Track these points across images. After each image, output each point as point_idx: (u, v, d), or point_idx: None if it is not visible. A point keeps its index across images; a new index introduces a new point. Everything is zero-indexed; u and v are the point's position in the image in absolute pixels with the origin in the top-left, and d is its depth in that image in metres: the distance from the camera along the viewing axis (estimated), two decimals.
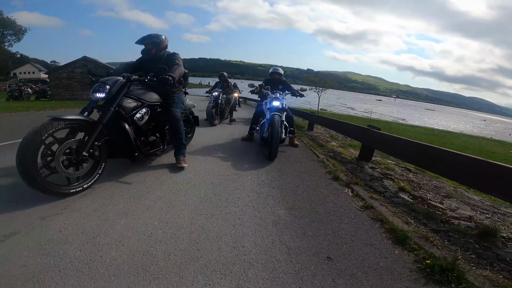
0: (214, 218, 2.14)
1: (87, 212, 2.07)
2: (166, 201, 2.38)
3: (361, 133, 4.83)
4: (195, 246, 1.74)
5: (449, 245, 2.02)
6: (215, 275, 1.49)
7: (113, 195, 2.41)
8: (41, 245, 1.63)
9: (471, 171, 2.42)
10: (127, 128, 2.77)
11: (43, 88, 20.10)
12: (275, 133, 3.92)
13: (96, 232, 1.82)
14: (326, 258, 1.73)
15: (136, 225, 1.93)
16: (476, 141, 19.42)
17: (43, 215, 1.97)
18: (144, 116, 3.06)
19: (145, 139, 3.15)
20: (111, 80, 2.63)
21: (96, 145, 2.49)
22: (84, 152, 2.33)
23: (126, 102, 2.84)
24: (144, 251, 1.65)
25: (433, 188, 3.52)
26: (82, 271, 1.44)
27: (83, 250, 1.61)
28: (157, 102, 3.32)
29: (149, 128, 3.24)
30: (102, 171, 2.58)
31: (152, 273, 1.46)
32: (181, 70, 3.26)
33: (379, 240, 2.01)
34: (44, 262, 1.49)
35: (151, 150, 3.24)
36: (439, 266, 1.63)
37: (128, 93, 2.86)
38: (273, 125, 4.00)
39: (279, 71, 5.86)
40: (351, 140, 6.79)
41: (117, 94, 2.65)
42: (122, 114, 2.77)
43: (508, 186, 2.11)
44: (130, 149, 2.85)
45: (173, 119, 3.30)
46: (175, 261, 1.58)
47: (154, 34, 3.38)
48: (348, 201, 2.70)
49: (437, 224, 2.35)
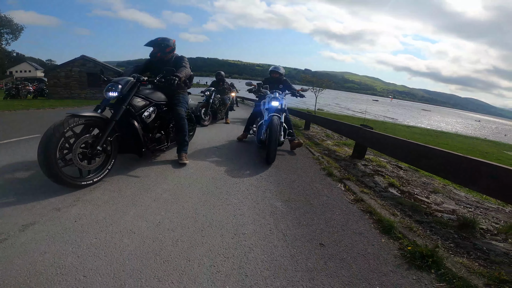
0: (216, 209, 2.31)
1: (98, 203, 2.23)
2: (171, 194, 2.55)
3: (355, 132, 5.03)
4: (200, 233, 1.91)
5: (431, 234, 2.20)
6: (219, 258, 1.66)
7: (122, 188, 2.57)
8: (59, 234, 1.77)
9: (453, 166, 2.62)
10: (136, 125, 2.94)
11: (40, 87, 20.08)
12: (273, 136, 3.74)
13: (109, 221, 1.97)
14: (319, 245, 1.91)
15: (145, 215, 2.10)
16: (470, 141, 19.74)
17: (57, 206, 2.12)
18: (151, 115, 3.24)
19: (152, 136, 3.34)
20: (123, 80, 2.81)
21: (109, 140, 2.66)
22: (98, 146, 2.52)
23: (135, 101, 3.02)
24: (153, 238, 1.81)
25: (421, 184, 3.72)
26: (99, 256, 1.58)
27: (98, 238, 1.76)
28: (163, 102, 3.49)
29: (155, 125, 3.41)
30: (112, 166, 2.74)
31: (162, 256, 1.63)
32: (187, 72, 3.42)
33: (367, 229, 2.19)
34: (63, 249, 1.62)
35: (157, 147, 3.43)
36: (420, 253, 1.80)
37: (137, 93, 3.03)
38: (271, 127, 3.82)
39: (280, 70, 5.64)
40: (346, 139, 6.98)
41: (128, 93, 2.83)
42: (132, 112, 2.95)
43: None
44: (139, 145, 3.02)
45: (178, 118, 3.48)
46: (182, 246, 1.74)
47: (161, 38, 3.54)
48: (340, 195, 2.90)
49: (421, 216, 2.54)
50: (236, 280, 1.48)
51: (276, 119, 3.97)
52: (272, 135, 3.73)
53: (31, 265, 1.46)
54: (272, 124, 3.85)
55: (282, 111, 4.37)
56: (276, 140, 3.80)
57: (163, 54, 3.54)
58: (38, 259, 1.52)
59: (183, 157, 3.50)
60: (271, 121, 3.91)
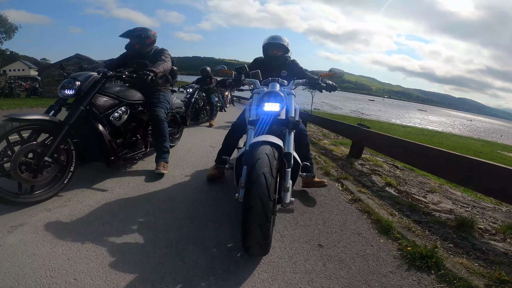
0: (212, 209, 2.26)
1: (90, 204, 2.17)
2: (166, 193, 2.50)
3: (351, 131, 5.02)
4: (195, 234, 1.87)
5: (430, 234, 2.18)
6: (216, 259, 1.62)
7: (114, 188, 2.51)
8: (49, 235, 1.71)
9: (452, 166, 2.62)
10: (100, 129, 2.47)
11: (34, 86, 19.82)
12: (255, 201, 1.44)
13: (101, 222, 1.92)
14: (317, 245, 1.87)
15: (138, 216, 2.05)
16: (464, 141, 19.93)
17: (47, 207, 2.06)
18: (122, 116, 2.75)
19: (123, 141, 2.84)
20: (82, 76, 2.36)
21: (62, 148, 2.20)
22: (46, 157, 2.05)
23: (100, 100, 2.56)
24: (147, 239, 1.76)
25: (418, 184, 3.71)
26: (91, 259, 1.53)
27: (89, 239, 1.70)
28: (139, 101, 3.02)
29: (128, 129, 2.92)
30: (70, 178, 2.30)
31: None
32: (166, 66, 2.90)
33: (366, 229, 2.16)
34: (53, 251, 1.56)
35: (129, 154, 2.92)
36: (420, 253, 1.78)
37: (104, 90, 2.60)
38: (254, 176, 1.49)
39: (283, 41, 2.85)
40: (342, 138, 6.98)
41: (89, 91, 2.38)
42: (95, 113, 2.49)
43: None
44: (105, 153, 2.53)
45: (156, 120, 3.01)
46: (177, 247, 1.70)
47: (140, 28, 3.10)
48: (338, 195, 2.87)
49: (420, 215, 2.52)
50: (233, 283, 1.44)
51: (268, 156, 1.58)
52: (251, 201, 1.45)
53: (19, 268, 1.41)
54: (256, 167, 1.52)
55: (289, 124, 1.94)
56: (265, 208, 1.44)
57: (142, 47, 3.07)
58: (27, 262, 1.46)
59: (161, 166, 2.95)
60: (257, 159, 1.56)
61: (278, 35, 2.94)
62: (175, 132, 4.16)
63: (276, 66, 2.86)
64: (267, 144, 1.65)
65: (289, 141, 1.89)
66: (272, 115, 1.95)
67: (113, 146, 2.58)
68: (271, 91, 2.01)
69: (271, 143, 1.67)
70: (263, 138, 1.70)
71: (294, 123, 1.93)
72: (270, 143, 1.66)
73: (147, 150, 3.24)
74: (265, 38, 2.94)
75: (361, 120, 17.23)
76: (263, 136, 1.75)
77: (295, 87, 2.39)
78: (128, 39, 3.06)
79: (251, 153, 1.63)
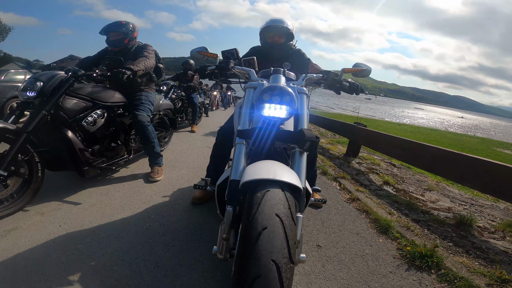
0: (209, 211, 2.22)
1: (84, 207, 2.13)
2: (161, 195, 2.45)
3: (348, 130, 5.01)
4: (191, 237, 1.83)
5: (429, 233, 2.17)
6: (214, 261, 1.58)
7: (109, 190, 2.46)
8: (42, 239, 1.67)
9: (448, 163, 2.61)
10: (69, 135, 2.18)
11: None
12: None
13: (95, 225, 1.88)
14: (316, 246, 1.85)
15: (134, 219, 2.01)
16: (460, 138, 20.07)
17: (41, 210, 2.01)
18: (97, 120, 2.45)
19: (100, 148, 2.55)
20: (45, 75, 2.09)
21: (22, 159, 1.94)
22: (0, 170, 1.79)
23: (69, 103, 2.25)
24: (144, 242, 1.73)
25: (416, 182, 3.71)
26: (85, 263, 1.49)
27: (84, 243, 1.66)
28: (118, 102, 2.70)
29: (106, 134, 2.63)
30: (37, 191, 2.06)
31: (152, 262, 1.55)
32: (148, 63, 2.61)
33: (364, 229, 2.15)
34: (46, 255, 1.53)
35: (107, 162, 2.58)
36: (419, 253, 1.77)
37: (74, 91, 2.29)
38: (257, 267, 0.72)
39: (285, 24, 2.20)
40: (339, 137, 6.98)
41: (54, 93, 2.09)
42: (63, 118, 2.19)
43: None
44: (75, 162, 2.24)
45: (139, 126, 2.68)
46: (173, 250, 1.67)
47: (119, 22, 2.82)
48: (335, 194, 2.85)
49: (418, 214, 2.51)
50: (230, 286, 1.41)
51: (283, 210, 0.84)
52: None
53: (12, 272, 1.38)
54: (264, 243, 0.75)
55: (303, 142, 1.13)
56: None
57: (121, 43, 2.77)
58: (20, 266, 1.43)
59: (154, 173, 2.79)
60: (260, 221, 0.80)
61: (280, 18, 2.27)
62: (163, 136, 3.76)
63: (277, 56, 2.24)
64: (275, 187, 0.92)
65: (300, 167, 1.14)
66: (275, 124, 1.21)
67: (86, 155, 2.29)
68: (275, 86, 1.21)
69: (283, 184, 0.94)
70: (266, 173, 0.96)
71: (312, 140, 1.12)
72: (281, 183, 0.93)
73: (130, 157, 2.89)
74: (264, 22, 2.28)
75: (357, 119, 17.27)
76: (264, 165, 1.05)
77: (306, 83, 1.60)
78: (105, 35, 2.76)
79: (249, 202, 0.89)
